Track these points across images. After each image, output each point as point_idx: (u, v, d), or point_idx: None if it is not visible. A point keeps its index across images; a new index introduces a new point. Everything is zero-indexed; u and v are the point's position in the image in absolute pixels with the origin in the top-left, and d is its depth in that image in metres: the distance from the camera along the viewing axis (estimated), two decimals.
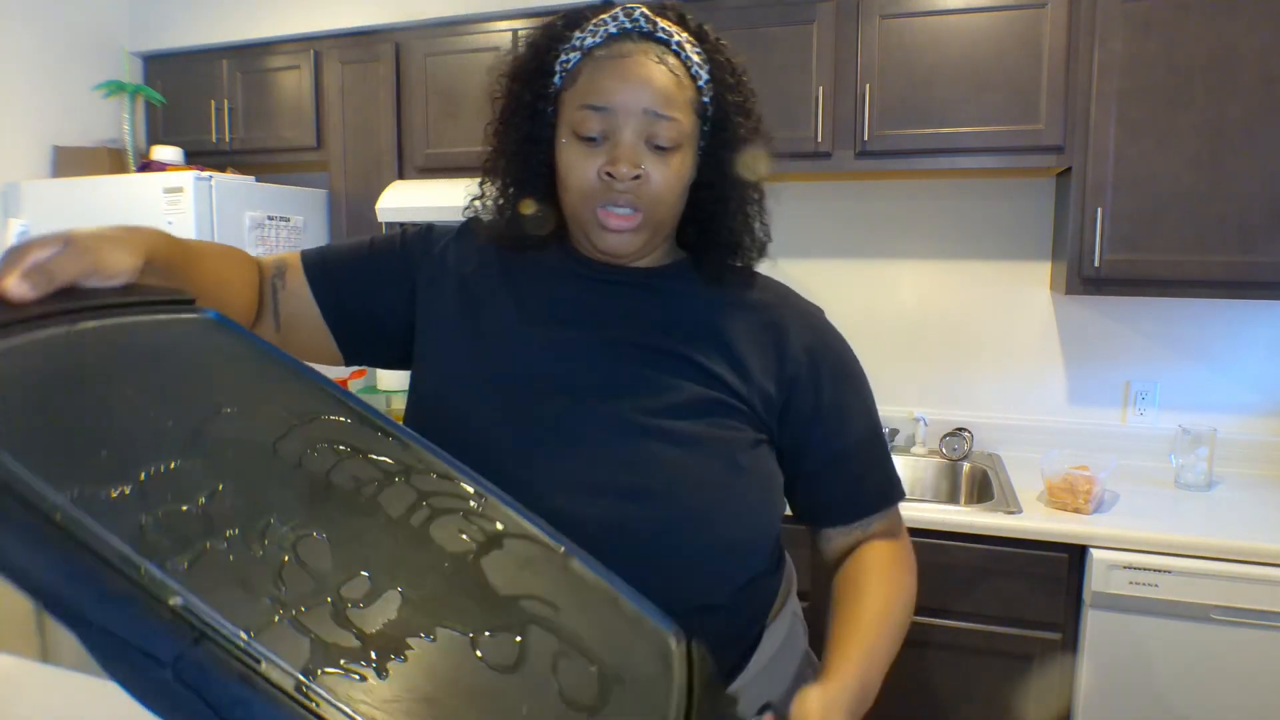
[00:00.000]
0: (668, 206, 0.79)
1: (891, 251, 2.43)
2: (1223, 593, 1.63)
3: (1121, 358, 2.27)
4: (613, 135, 0.76)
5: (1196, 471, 1.99)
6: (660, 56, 0.78)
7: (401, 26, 2.52)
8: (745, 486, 0.79)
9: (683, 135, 0.78)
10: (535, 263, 0.87)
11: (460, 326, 0.84)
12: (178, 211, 2.26)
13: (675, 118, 0.77)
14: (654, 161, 0.77)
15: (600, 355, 0.80)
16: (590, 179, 0.77)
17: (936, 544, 1.83)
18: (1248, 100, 1.81)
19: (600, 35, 0.79)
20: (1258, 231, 1.84)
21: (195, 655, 0.37)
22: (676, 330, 0.82)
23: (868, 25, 2.06)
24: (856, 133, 2.09)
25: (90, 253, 0.56)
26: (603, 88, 0.76)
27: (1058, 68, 1.94)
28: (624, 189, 0.76)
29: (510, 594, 0.54)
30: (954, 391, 2.42)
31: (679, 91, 0.78)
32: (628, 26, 0.78)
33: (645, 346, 0.81)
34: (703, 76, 0.81)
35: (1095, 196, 1.93)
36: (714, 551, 0.77)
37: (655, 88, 0.76)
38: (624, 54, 0.77)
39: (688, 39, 0.81)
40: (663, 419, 0.77)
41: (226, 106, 2.72)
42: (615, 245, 0.79)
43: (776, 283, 0.91)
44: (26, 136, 2.58)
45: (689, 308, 0.84)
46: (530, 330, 0.82)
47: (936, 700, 1.88)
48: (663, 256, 0.87)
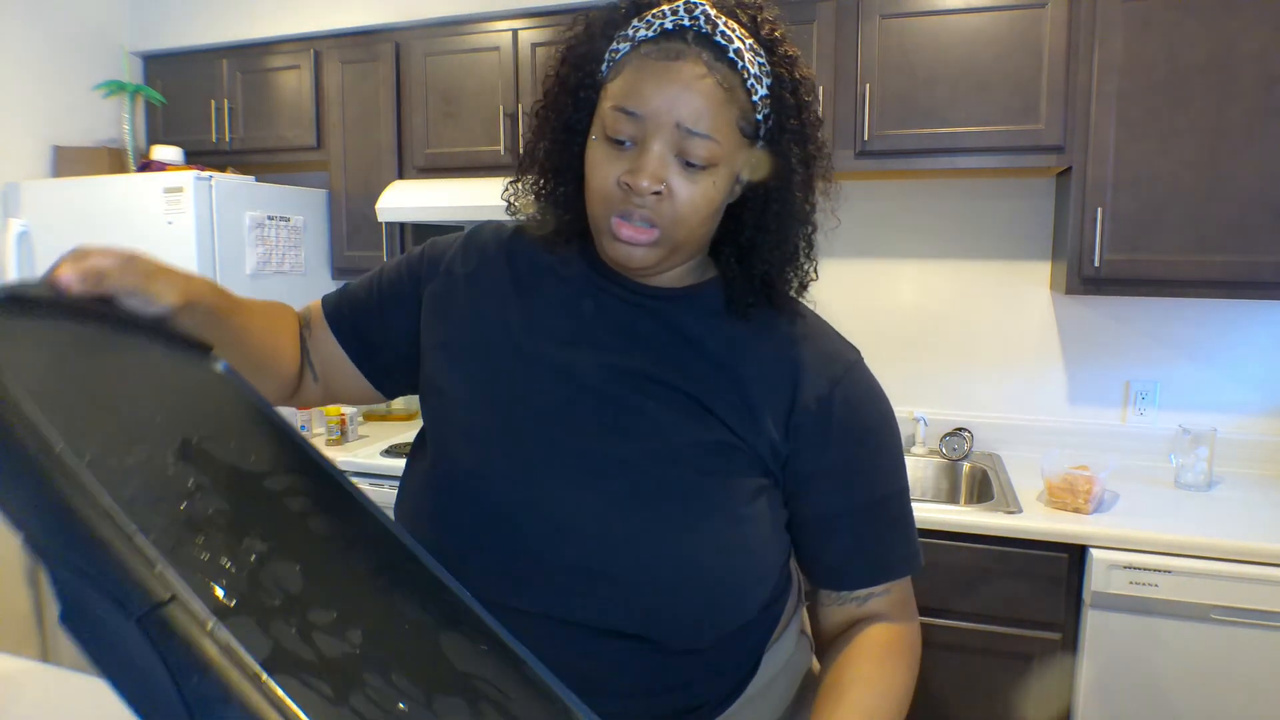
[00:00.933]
0: (691, 228, 0.72)
1: (891, 251, 2.43)
2: (1223, 593, 1.63)
3: (1121, 358, 2.27)
4: (641, 143, 0.69)
5: (1196, 471, 1.99)
6: (711, 64, 0.69)
7: (401, 26, 2.52)
8: (743, 538, 0.73)
9: (719, 155, 0.70)
10: (550, 270, 0.82)
11: (467, 337, 0.81)
12: (178, 211, 2.26)
13: (711, 136, 0.69)
14: (682, 179, 0.70)
15: (606, 385, 0.75)
16: (610, 184, 0.71)
17: (936, 544, 1.83)
18: (1248, 100, 1.81)
19: (654, 29, 0.70)
20: (1258, 231, 1.84)
21: (164, 613, 0.37)
22: (691, 364, 0.76)
23: (868, 25, 2.06)
24: (856, 133, 2.09)
25: (142, 275, 0.60)
26: (639, 91, 0.69)
27: (1058, 68, 1.94)
28: (641, 203, 0.70)
29: (464, 670, 0.54)
30: (954, 391, 2.42)
31: (723, 107, 0.69)
32: (685, 24, 0.69)
33: (654, 379, 0.75)
34: (759, 91, 0.71)
35: (1095, 196, 1.93)
36: (707, 603, 0.72)
37: (694, 100, 0.68)
38: (670, 56, 0.69)
39: (752, 46, 0.71)
40: (663, 464, 0.72)
41: (226, 106, 2.72)
42: (623, 256, 0.73)
43: (813, 317, 0.84)
44: (26, 136, 2.58)
45: (708, 340, 0.78)
46: (537, 348, 0.78)
47: (936, 700, 1.88)
48: (689, 275, 0.80)
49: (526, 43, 2.36)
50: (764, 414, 0.75)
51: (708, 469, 0.73)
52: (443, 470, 0.76)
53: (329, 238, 2.70)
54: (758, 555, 0.75)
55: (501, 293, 0.82)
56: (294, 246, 2.58)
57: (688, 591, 0.71)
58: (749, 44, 0.71)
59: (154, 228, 2.30)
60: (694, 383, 0.75)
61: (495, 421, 0.76)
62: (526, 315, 0.80)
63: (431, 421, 0.81)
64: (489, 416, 0.76)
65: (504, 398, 0.76)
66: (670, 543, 0.71)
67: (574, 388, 0.75)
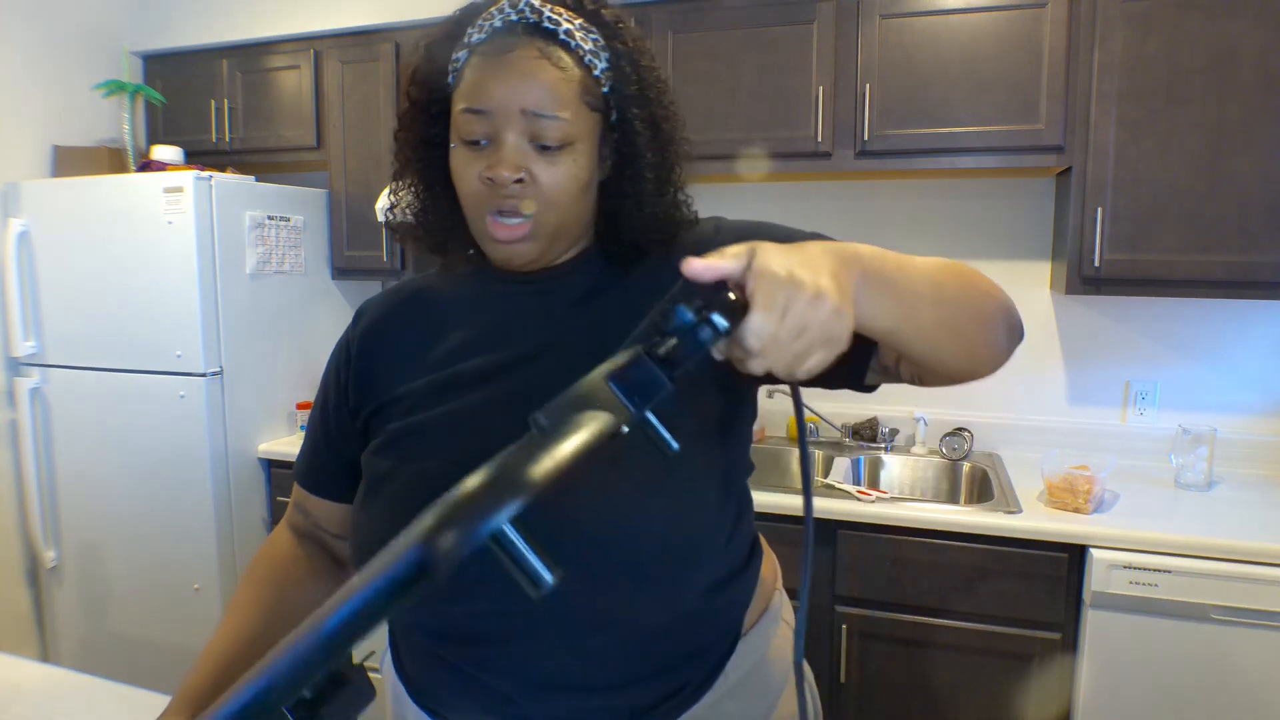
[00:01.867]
0: (562, 210, 0.74)
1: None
2: (1223, 593, 1.63)
3: (1121, 358, 2.27)
4: (495, 138, 0.72)
5: (1196, 471, 1.99)
6: (543, 50, 0.72)
7: (401, 26, 2.52)
8: (658, 486, 0.72)
9: (572, 133, 0.72)
10: (446, 300, 0.84)
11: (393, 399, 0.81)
12: (178, 211, 2.26)
13: (559, 115, 0.71)
14: (541, 163, 0.72)
15: (529, 386, 0.75)
16: (475, 183, 0.73)
17: (936, 544, 1.83)
18: (1248, 100, 1.81)
19: (486, 30, 0.74)
20: (1258, 231, 1.84)
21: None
22: (581, 325, 0.78)
23: (868, 25, 2.06)
24: (856, 133, 2.09)
25: None
26: (481, 89, 0.72)
27: (1058, 68, 1.94)
28: (508, 194, 0.72)
29: None
30: (954, 391, 2.42)
31: (565, 86, 0.72)
32: (513, 19, 0.73)
33: (552, 347, 0.77)
34: (599, 66, 0.75)
35: (1095, 196, 1.93)
36: (665, 549, 0.71)
37: (535, 85, 0.71)
38: (504, 50, 0.72)
39: (582, 25, 0.74)
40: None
41: (226, 106, 2.72)
42: (507, 256, 0.75)
43: (702, 225, 0.83)
44: (26, 136, 2.58)
45: (594, 304, 0.79)
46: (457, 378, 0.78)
47: (936, 700, 1.88)
48: (570, 250, 0.82)
49: None
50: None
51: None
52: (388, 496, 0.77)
53: (329, 238, 2.70)
54: (689, 495, 0.73)
55: (410, 342, 0.83)
56: (294, 246, 2.58)
57: (647, 546, 0.71)
58: (578, 24, 0.74)
59: (154, 228, 2.30)
60: (578, 349, 0.75)
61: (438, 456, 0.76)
62: (439, 350, 0.81)
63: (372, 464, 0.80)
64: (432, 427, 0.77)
65: (445, 408, 0.77)
66: (619, 509, 0.70)
67: (502, 398, 0.76)
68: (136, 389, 2.39)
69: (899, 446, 2.40)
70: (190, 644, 2.42)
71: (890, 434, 2.38)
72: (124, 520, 2.46)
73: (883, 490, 2.01)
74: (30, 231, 2.46)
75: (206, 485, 2.34)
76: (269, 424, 2.52)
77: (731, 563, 0.79)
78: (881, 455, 2.34)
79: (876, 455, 2.34)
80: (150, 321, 2.34)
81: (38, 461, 2.55)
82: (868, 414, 2.46)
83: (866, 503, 1.89)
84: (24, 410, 2.51)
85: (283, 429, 2.57)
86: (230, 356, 2.38)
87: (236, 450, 2.41)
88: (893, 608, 1.88)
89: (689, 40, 2.20)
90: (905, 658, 1.89)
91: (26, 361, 2.52)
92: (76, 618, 2.60)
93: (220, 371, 2.35)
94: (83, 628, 2.59)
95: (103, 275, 2.38)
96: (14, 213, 2.47)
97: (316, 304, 2.69)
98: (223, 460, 2.37)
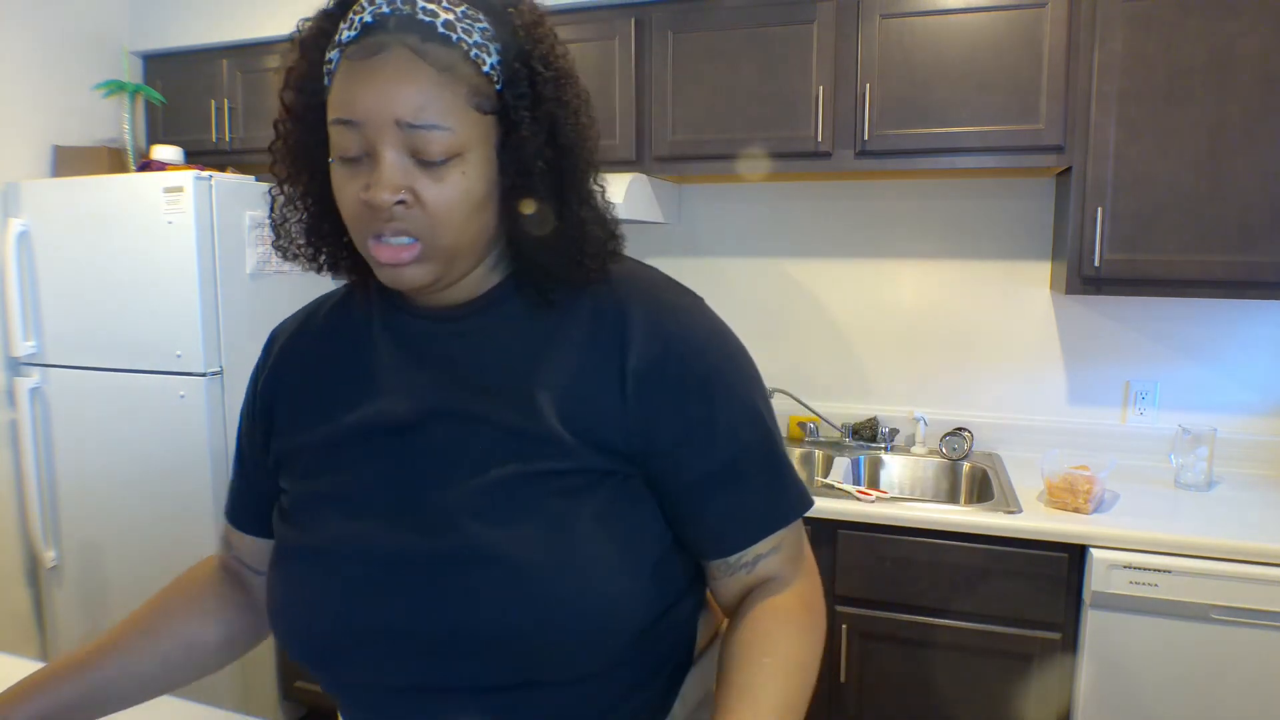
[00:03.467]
0: (455, 229, 0.65)
1: (891, 251, 2.43)
2: (1223, 593, 1.63)
3: (1121, 358, 2.27)
4: (371, 153, 0.63)
5: (1196, 471, 1.99)
6: (419, 47, 0.61)
7: None
8: (586, 543, 0.67)
9: (457, 143, 0.62)
10: (350, 327, 0.77)
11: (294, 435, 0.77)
12: (178, 211, 2.26)
13: (440, 124, 0.61)
14: (425, 180, 0.62)
15: (422, 432, 0.70)
16: (355, 205, 0.64)
17: (936, 544, 1.83)
18: (1248, 100, 1.81)
19: (355, 26, 0.63)
20: (1258, 231, 1.84)
21: None
22: (500, 381, 0.70)
23: (868, 25, 2.05)
24: (856, 132, 2.09)
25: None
26: (349, 98, 0.62)
27: (1058, 68, 1.93)
28: (389, 216, 0.63)
29: None
30: (954, 391, 2.42)
31: (445, 90, 0.61)
32: (385, 11, 0.62)
33: (442, 413, 0.70)
34: (488, 60, 0.64)
35: (1095, 196, 1.93)
36: (569, 624, 0.65)
37: (408, 92, 0.61)
38: (373, 51, 0.61)
39: (466, 14, 0.63)
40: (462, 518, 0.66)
41: (226, 106, 2.71)
42: (393, 280, 0.66)
43: (631, 279, 0.74)
44: (26, 136, 2.58)
45: (502, 347, 0.71)
46: (353, 416, 0.73)
47: (936, 700, 1.88)
48: (487, 279, 0.73)
49: None
50: (585, 405, 0.69)
51: (519, 494, 0.67)
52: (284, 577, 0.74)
53: None
54: (619, 550, 0.68)
55: (312, 381, 0.78)
56: None
57: (549, 619, 0.65)
58: (460, 10, 0.63)
59: (154, 227, 2.30)
60: (486, 402, 0.69)
61: (329, 504, 0.72)
62: (339, 392, 0.75)
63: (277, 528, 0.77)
64: (321, 502, 0.73)
65: (332, 478, 0.73)
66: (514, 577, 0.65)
67: (388, 471, 0.70)
68: (136, 389, 2.39)
69: (899, 446, 2.40)
70: None
71: (890, 434, 2.38)
72: (124, 520, 2.46)
73: (883, 490, 2.01)
74: (30, 231, 2.46)
75: (206, 485, 2.34)
76: None
77: (661, 603, 0.72)
78: (881, 455, 2.34)
79: (876, 455, 2.34)
80: (150, 321, 2.34)
81: (38, 461, 2.55)
82: (868, 414, 2.46)
83: (866, 503, 1.89)
84: (24, 410, 2.51)
85: None
86: (230, 356, 2.37)
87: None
88: (893, 608, 1.88)
89: (689, 40, 2.20)
90: (905, 658, 1.89)
91: (26, 361, 2.51)
92: (76, 618, 2.60)
93: (220, 371, 2.35)
94: (83, 628, 2.59)
95: (103, 275, 2.38)
96: (14, 213, 2.47)
97: None
98: (223, 460, 2.37)
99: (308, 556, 0.71)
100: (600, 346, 0.70)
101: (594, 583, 0.66)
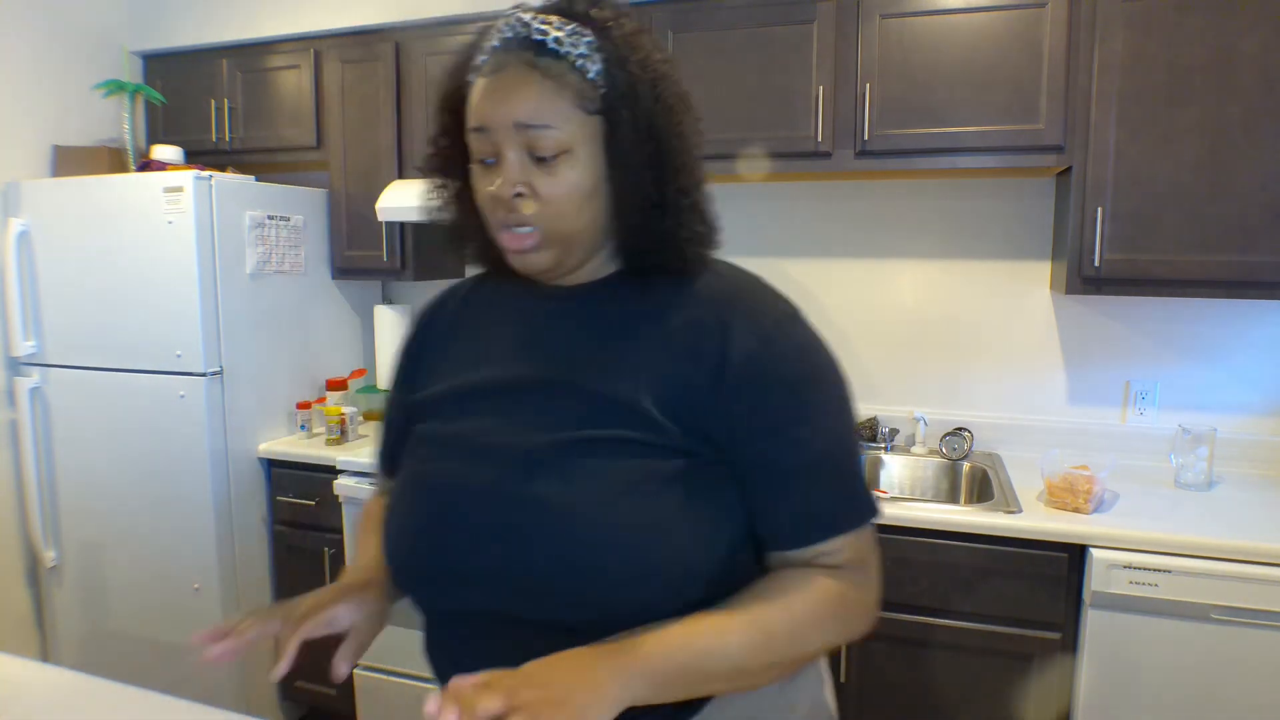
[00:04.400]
0: (568, 219, 0.75)
1: (891, 251, 2.43)
2: (1223, 593, 1.63)
3: (1121, 358, 2.27)
4: (498, 155, 0.75)
5: (1196, 471, 1.99)
6: (533, 61, 0.73)
7: (401, 26, 2.52)
8: (643, 506, 0.72)
9: (565, 140, 0.73)
10: (489, 301, 0.90)
11: (430, 386, 0.88)
12: (178, 211, 2.26)
13: (550, 124, 0.73)
14: (540, 175, 0.74)
15: (494, 407, 0.80)
16: (487, 201, 0.77)
17: (936, 544, 1.83)
18: (1248, 100, 1.81)
19: (487, 52, 0.77)
20: (1258, 231, 1.84)
21: None
22: (583, 355, 0.79)
23: (868, 25, 2.06)
24: (856, 132, 2.09)
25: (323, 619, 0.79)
26: (479, 109, 0.75)
27: (1058, 68, 1.94)
28: (511, 208, 0.75)
29: None
30: (954, 391, 2.42)
31: (555, 95, 0.73)
32: (508, 36, 0.75)
33: (544, 380, 0.79)
34: (592, 69, 0.74)
35: (1095, 196, 1.93)
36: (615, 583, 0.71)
37: (523, 98, 0.73)
38: (497, 68, 0.74)
39: (574, 29, 0.75)
40: (536, 470, 0.74)
41: (226, 106, 2.72)
42: (523, 265, 0.78)
43: (734, 277, 0.83)
44: (26, 136, 2.58)
45: (606, 328, 0.80)
46: (477, 376, 0.84)
47: (937, 700, 1.88)
48: (599, 269, 0.83)
49: None
50: (684, 387, 0.75)
51: (600, 457, 0.74)
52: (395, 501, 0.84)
53: (329, 237, 2.70)
54: (665, 533, 0.73)
55: (448, 342, 0.90)
56: (294, 246, 2.58)
57: (593, 573, 0.71)
58: (569, 29, 0.74)
59: (154, 227, 2.30)
60: (596, 377, 0.77)
61: (413, 466, 0.83)
62: (468, 354, 0.87)
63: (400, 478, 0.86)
64: (411, 462, 0.84)
65: (448, 424, 0.83)
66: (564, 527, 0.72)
67: (503, 424, 0.79)
68: (136, 389, 2.39)
69: (899, 446, 2.40)
70: (190, 644, 2.43)
71: (890, 434, 2.38)
72: (124, 520, 2.46)
73: (883, 490, 2.01)
74: (30, 231, 2.46)
75: (206, 485, 2.34)
76: (269, 424, 2.52)
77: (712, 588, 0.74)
78: (881, 455, 2.34)
79: (876, 455, 2.34)
80: (150, 321, 2.34)
81: (38, 461, 2.55)
82: (868, 413, 2.46)
83: None
84: (24, 410, 2.51)
85: (283, 429, 2.57)
86: (230, 356, 2.38)
87: (236, 450, 2.41)
88: (893, 608, 1.88)
89: (689, 40, 2.20)
90: (905, 658, 1.89)
91: (26, 361, 2.52)
92: (76, 618, 2.60)
93: (220, 371, 2.35)
94: (83, 628, 2.60)
95: (103, 275, 2.38)
96: (14, 213, 2.47)
97: (316, 304, 2.69)
98: (223, 460, 2.37)
99: (414, 489, 0.82)
100: (701, 335, 0.77)
101: (642, 541, 0.71)
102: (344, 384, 2.69)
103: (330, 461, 2.35)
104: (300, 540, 2.46)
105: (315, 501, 2.41)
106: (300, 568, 2.48)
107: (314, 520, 2.43)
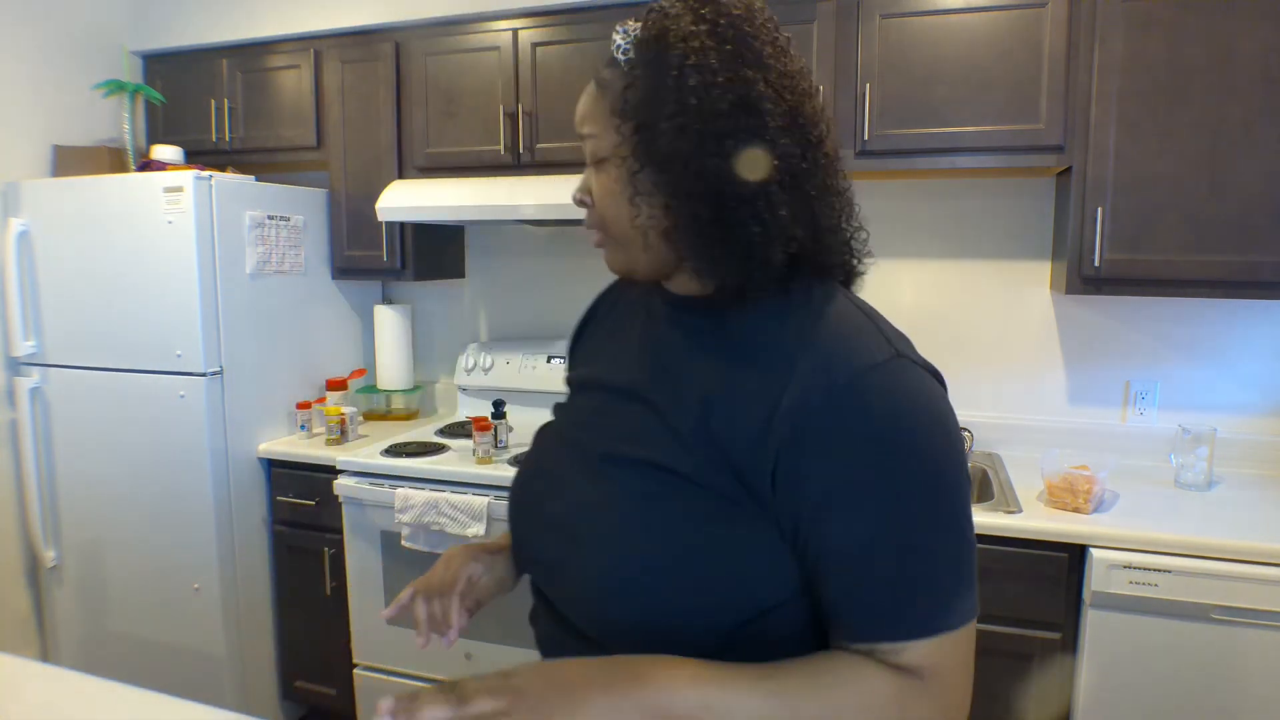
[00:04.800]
0: (614, 221, 0.75)
1: (891, 251, 2.43)
2: (1223, 593, 1.63)
3: (1121, 358, 2.27)
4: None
5: (1196, 471, 1.99)
6: (599, 71, 0.75)
7: (401, 26, 2.52)
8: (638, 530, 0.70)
9: (601, 148, 0.74)
10: (629, 304, 0.92)
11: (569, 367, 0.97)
12: (178, 211, 2.26)
13: (590, 133, 0.75)
14: (594, 180, 0.77)
15: (589, 403, 0.85)
16: None
17: None
18: (1248, 100, 1.81)
19: None
20: (1258, 231, 1.84)
21: None
22: (660, 366, 0.78)
23: (868, 25, 2.06)
24: (857, 132, 2.09)
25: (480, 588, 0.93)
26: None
27: (1058, 68, 1.93)
28: (586, 212, 0.79)
29: None
30: (954, 391, 2.40)
31: (596, 103, 0.74)
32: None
33: (623, 387, 0.81)
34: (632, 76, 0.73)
35: (1095, 196, 1.93)
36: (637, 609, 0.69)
37: (578, 108, 0.76)
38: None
39: (638, 38, 0.71)
40: (607, 467, 0.76)
41: (226, 106, 2.72)
42: (607, 264, 0.82)
43: (833, 309, 0.72)
44: (26, 136, 2.58)
45: (691, 343, 0.76)
46: (583, 368, 0.91)
47: None
48: (695, 283, 0.77)
49: (526, 42, 2.36)
50: (733, 423, 0.68)
51: (630, 475, 0.74)
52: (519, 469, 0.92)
53: (329, 237, 2.70)
54: (669, 570, 0.68)
55: (594, 329, 0.96)
56: (294, 246, 2.58)
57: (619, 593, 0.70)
58: (635, 36, 0.72)
59: (154, 227, 2.30)
60: (661, 393, 0.76)
61: (554, 428, 0.89)
62: (597, 346, 0.93)
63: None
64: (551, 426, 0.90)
65: (563, 410, 0.90)
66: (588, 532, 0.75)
67: (595, 397, 0.84)
68: (136, 389, 2.39)
69: None
70: (190, 644, 2.43)
71: None
72: (124, 520, 2.46)
73: None
74: (30, 231, 2.46)
75: (206, 485, 2.34)
76: (269, 424, 2.52)
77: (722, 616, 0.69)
78: None
79: None
80: (150, 321, 2.34)
81: (38, 461, 2.55)
82: None
83: None
84: (24, 410, 2.51)
85: (283, 429, 2.57)
86: (230, 356, 2.38)
87: (236, 450, 2.41)
88: None
89: None
90: None
91: (26, 361, 2.52)
92: (76, 618, 2.60)
93: (220, 371, 2.35)
94: (83, 628, 2.60)
95: (103, 275, 2.38)
96: (14, 212, 2.47)
97: (316, 304, 2.69)
98: (223, 460, 2.37)
99: (526, 461, 0.90)
100: (767, 373, 0.68)
101: (626, 567, 0.71)
102: (344, 384, 2.69)
103: (330, 461, 2.35)
104: (300, 540, 2.46)
105: (315, 501, 2.41)
106: (300, 568, 2.48)
107: (314, 520, 2.43)
